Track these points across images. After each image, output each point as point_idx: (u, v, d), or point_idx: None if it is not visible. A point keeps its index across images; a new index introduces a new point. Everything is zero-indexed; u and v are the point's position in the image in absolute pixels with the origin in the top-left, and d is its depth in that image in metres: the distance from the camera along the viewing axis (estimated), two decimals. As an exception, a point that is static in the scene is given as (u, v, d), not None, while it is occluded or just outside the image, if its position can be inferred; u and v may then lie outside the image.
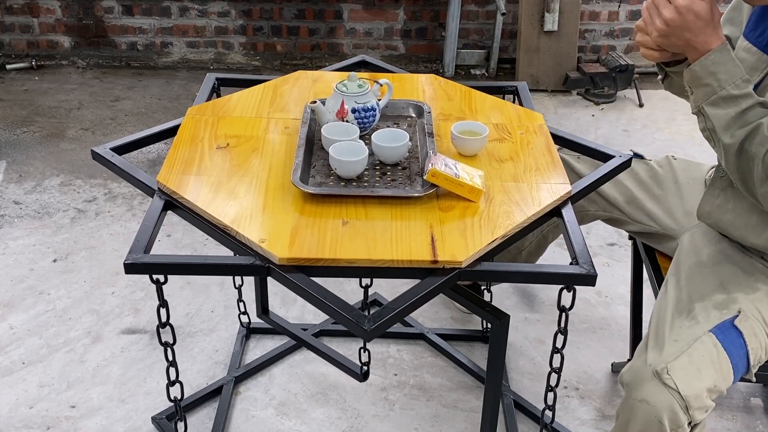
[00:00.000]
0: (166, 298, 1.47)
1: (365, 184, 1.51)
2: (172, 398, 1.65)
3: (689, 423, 1.41)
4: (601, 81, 3.97)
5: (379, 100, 1.71)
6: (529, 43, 4.06)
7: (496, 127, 1.74)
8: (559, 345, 1.45)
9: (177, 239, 2.73)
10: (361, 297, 2.17)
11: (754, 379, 1.54)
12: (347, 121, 1.63)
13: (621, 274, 2.59)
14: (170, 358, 1.56)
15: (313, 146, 1.63)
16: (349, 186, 1.50)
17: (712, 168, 1.84)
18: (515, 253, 2.17)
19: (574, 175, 1.90)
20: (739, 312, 1.48)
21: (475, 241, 1.34)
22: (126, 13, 4.21)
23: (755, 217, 1.53)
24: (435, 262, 1.29)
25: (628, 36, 4.40)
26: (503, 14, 4.02)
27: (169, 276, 1.41)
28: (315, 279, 1.29)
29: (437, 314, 2.40)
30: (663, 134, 3.64)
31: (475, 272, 1.32)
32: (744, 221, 1.55)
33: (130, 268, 1.31)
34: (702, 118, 1.43)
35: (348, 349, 2.22)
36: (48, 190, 3.04)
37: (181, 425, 1.74)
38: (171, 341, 1.53)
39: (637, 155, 1.86)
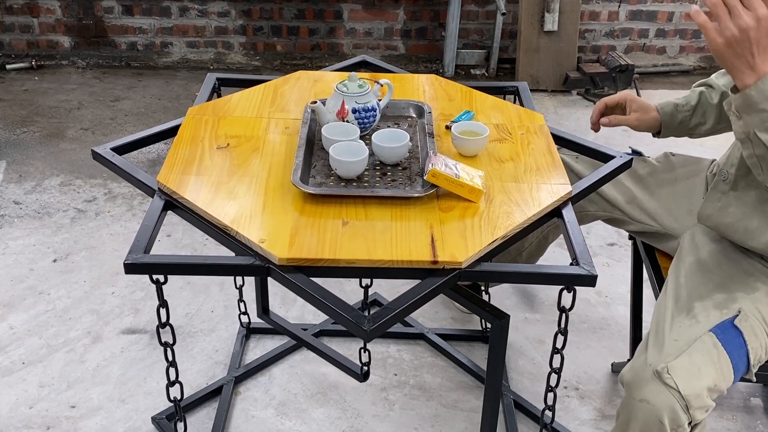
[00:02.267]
0: (165, 298, 1.47)
1: (365, 184, 1.51)
2: (172, 398, 1.65)
3: (689, 423, 1.41)
4: (601, 81, 3.97)
5: (380, 100, 1.71)
6: (529, 43, 4.06)
7: (496, 128, 1.74)
8: (559, 345, 1.45)
9: (177, 239, 2.74)
10: (361, 297, 2.17)
11: (754, 379, 1.53)
12: (348, 122, 1.63)
13: (621, 274, 2.59)
14: (170, 359, 1.56)
15: (314, 146, 1.63)
16: (349, 186, 1.50)
17: (713, 162, 1.84)
18: (515, 254, 2.17)
19: (573, 175, 1.90)
20: (739, 311, 1.48)
21: (475, 242, 1.34)
22: (126, 13, 4.21)
23: (756, 222, 1.54)
24: (435, 262, 1.29)
25: (628, 36, 4.40)
26: (503, 14, 4.02)
27: (169, 276, 1.41)
28: (315, 279, 1.29)
29: (437, 314, 2.40)
30: (663, 134, 3.64)
31: (475, 273, 1.32)
32: (744, 225, 1.56)
33: (130, 268, 1.31)
34: (750, 144, 1.37)
35: (348, 349, 2.22)
36: (48, 190, 3.04)
37: (180, 425, 1.74)
38: (171, 341, 1.53)
39: (635, 152, 1.86)
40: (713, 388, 1.42)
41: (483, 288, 2.30)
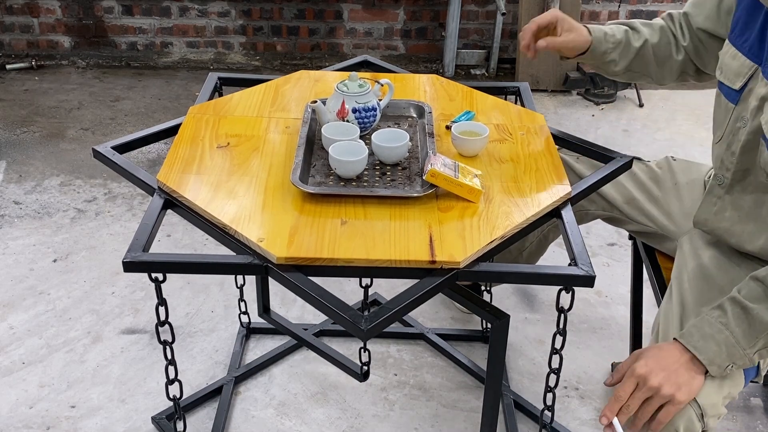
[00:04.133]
0: (165, 297, 1.47)
1: (365, 184, 1.51)
2: (171, 397, 1.65)
3: (703, 430, 1.40)
4: (601, 81, 3.97)
5: (380, 100, 1.71)
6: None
7: (496, 128, 1.74)
8: (557, 346, 1.45)
9: (177, 239, 2.74)
10: (362, 297, 2.17)
11: (761, 381, 1.53)
12: (348, 121, 1.63)
13: (621, 274, 2.59)
14: (169, 357, 1.56)
15: (314, 146, 1.63)
16: (348, 186, 1.50)
17: (711, 168, 1.84)
18: (516, 254, 2.17)
19: (573, 175, 1.90)
20: None
21: (473, 242, 1.34)
22: (126, 13, 4.21)
23: (751, 226, 1.52)
24: (433, 262, 1.29)
25: (628, 36, 4.40)
26: (503, 14, 4.02)
27: (168, 276, 1.41)
28: (314, 279, 1.29)
29: (437, 314, 2.40)
30: (663, 134, 3.64)
31: (473, 273, 1.32)
32: (740, 229, 1.54)
33: (129, 266, 1.31)
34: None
35: (348, 349, 2.22)
36: (48, 190, 3.04)
37: (180, 424, 1.74)
38: (170, 340, 1.53)
39: (636, 159, 1.85)
40: (726, 396, 1.42)
41: (484, 288, 2.29)
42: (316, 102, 1.65)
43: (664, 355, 1.37)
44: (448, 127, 1.73)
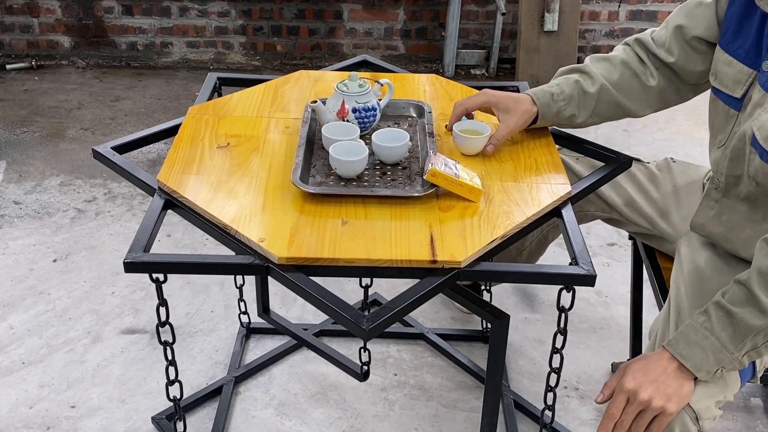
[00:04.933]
0: (165, 297, 1.47)
1: (365, 183, 1.51)
2: (172, 397, 1.65)
3: None
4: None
5: (380, 99, 1.71)
6: (529, 43, 4.06)
7: (497, 127, 1.74)
8: (558, 345, 1.45)
9: (177, 239, 2.74)
10: (362, 297, 2.17)
11: (758, 382, 1.53)
12: (348, 121, 1.63)
13: (621, 274, 2.59)
14: (170, 357, 1.56)
15: (314, 146, 1.63)
16: (348, 186, 1.50)
17: (710, 170, 1.83)
18: (516, 254, 2.17)
19: (572, 176, 1.89)
20: None
21: (474, 242, 1.34)
22: (126, 13, 4.21)
23: (747, 232, 1.51)
24: (434, 262, 1.29)
25: (628, 36, 4.40)
26: (503, 14, 4.02)
27: (169, 275, 1.41)
28: (315, 279, 1.29)
29: (437, 314, 2.40)
30: (663, 134, 3.64)
31: (474, 272, 1.32)
32: (736, 234, 1.53)
33: (130, 266, 1.31)
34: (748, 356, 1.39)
35: (348, 348, 2.22)
36: (48, 190, 3.04)
37: (180, 424, 1.74)
38: (170, 340, 1.53)
39: (635, 160, 1.85)
40: (721, 399, 1.42)
41: (484, 287, 2.29)
42: (316, 102, 1.65)
43: (652, 366, 1.36)
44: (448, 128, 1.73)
